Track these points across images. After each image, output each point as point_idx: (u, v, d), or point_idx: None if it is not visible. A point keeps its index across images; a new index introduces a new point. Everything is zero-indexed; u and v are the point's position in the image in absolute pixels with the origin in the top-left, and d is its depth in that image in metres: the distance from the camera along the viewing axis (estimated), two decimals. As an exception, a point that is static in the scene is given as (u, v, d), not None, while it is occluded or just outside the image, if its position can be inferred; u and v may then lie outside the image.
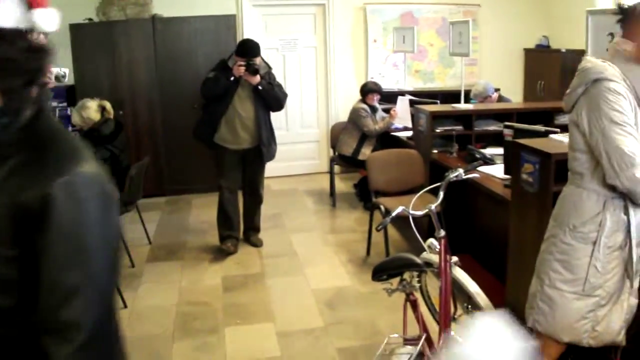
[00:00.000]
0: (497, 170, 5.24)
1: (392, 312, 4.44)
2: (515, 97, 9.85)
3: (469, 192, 5.49)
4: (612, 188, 2.69)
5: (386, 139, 7.57)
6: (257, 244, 6.36)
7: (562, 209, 2.91)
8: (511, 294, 4.35)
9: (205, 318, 4.81)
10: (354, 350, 4.29)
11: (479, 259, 5.72)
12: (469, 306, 3.84)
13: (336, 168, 8.43)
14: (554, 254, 2.86)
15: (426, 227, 4.90)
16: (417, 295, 2.97)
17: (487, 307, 3.63)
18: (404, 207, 3.22)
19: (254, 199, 6.35)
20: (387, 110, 7.91)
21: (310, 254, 6.16)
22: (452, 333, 4.23)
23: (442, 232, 3.36)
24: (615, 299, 2.83)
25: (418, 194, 3.44)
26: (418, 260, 2.92)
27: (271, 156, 6.23)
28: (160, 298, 5.18)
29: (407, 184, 3.54)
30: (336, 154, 7.90)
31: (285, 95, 6.12)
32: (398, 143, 7.21)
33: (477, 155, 5.71)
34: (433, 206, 3.35)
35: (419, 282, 4.03)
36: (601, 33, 4.47)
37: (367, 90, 7.64)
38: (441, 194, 3.42)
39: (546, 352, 2.98)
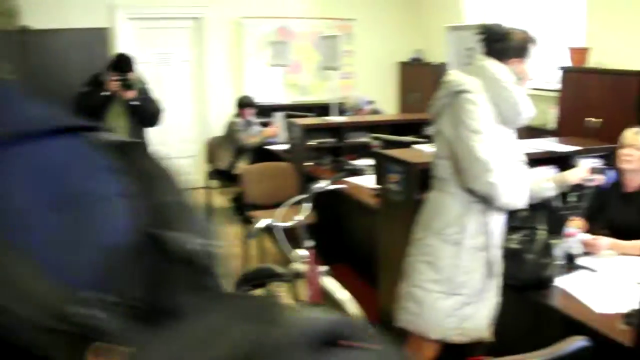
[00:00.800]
0: (369, 181, 5.37)
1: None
2: (390, 109, 10.12)
3: (345, 203, 5.60)
4: (472, 192, 2.84)
5: (262, 153, 7.59)
6: None
7: (428, 213, 3.04)
8: (384, 298, 4.47)
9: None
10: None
11: (356, 268, 5.83)
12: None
13: (214, 183, 8.39)
14: (421, 256, 2.99)
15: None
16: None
17: (358, 314, 3.73)
18: (270, 220, 3.28)
19: None
20: (263, 124, 7.97)
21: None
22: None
23: (310, 243, 3.43)
24: (481, 297, 2.98)
25: (283, 206, 3.50)
26: (279, 270, 2.97)
27: None
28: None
29: (281, 196, 3.62)
30: (212, 168, 7.85)
31: (160, 111, 6.03)
32: (274, 156, 7.24)
33: (348, 167, 5.85)
34: (301, 217, 3.41)
35: (293, 289, 4.11)
36: (460, 47, 4.67)
37: (242, 104, 7.67)
38: (308, 205, 3.50)
39: (421, 353, 3.09)
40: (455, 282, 2.89)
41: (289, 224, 3.38)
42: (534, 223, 3.16)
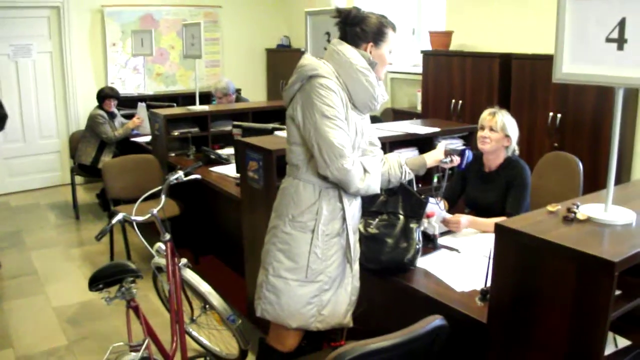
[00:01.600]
0: (232, 170, 5.30)
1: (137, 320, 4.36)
2: (259, 96, 10.09)
3: (211, 194, 5.50)
4: (326, 178, 2.79)
5: (126, 146, 7.39)
6: None
7: (282, 201, 2.97)
8: (251, 287, 4.42)
9: None
10: (99, 365, 4.16)
11: (224, 259, 5.78)
12: (206, 306, 3.84)
13: (79, 179, 8.10)
14: (276, 244, 2.92)
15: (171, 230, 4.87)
16: (138, 301, 2.90)
17: (221, 306, 3.65)
18: (124, 214, 3.14)
19: None
20: (127, 116, 7.74)
21: (52, 271, 5.86)
22: (194, 332, 4.23)
23: (167, 236, 3.33)
24: (339, 283, 2.94)
25: (139, 200, 3.37)
26: (132, 266, 2.86)
27: None
28: None
29: (145, 189, 3.51)
30: (76, 163, 7.57)
31: (3, 118, 5.64)
32: (139, 149, 7.06)
33: (212, 156, 5.75)
34: (155, 211, 3.30)
35: (157, 284, 3.98)
36: (319, 32, 4.64)
37: (104, 95, 7.42)
38: (163, 198, 3.38)
39: (282, 342, 3.04)
40: (312, 269, 2.85)
41: (143, 217, 3.25)
42: (393, 207, 3.17)
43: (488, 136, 3.82)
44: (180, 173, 3.47)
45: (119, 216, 3.10)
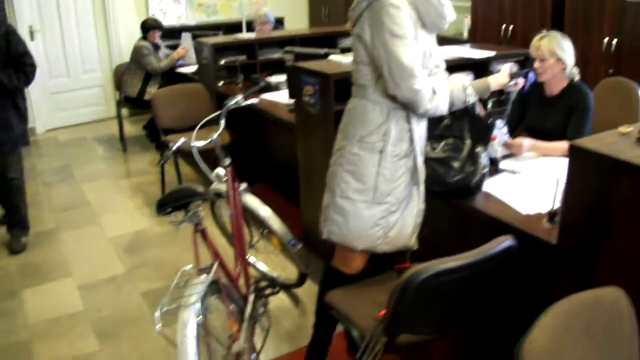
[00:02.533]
0: (283, 96, 5.26)
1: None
2: (301, 24, 9.96)
3: (261, 121, 5.48)
4: (394, 99, 2.74)
5: (172, 77, 7.35)
6: (17, 250, 5.02)
7: (349, 121, 2.92)
8: (306, 214, 4.43)
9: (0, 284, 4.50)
10: (158, 292, 4.24)
11: (277, 187, 5.79)
12: (264, 231, 3.85)
13: (125, 111, 8.13)
14: (343, 165, 2.89)
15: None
16: (205, 224, 2.90)
17: (281, 230, 3.66)
18: (185, 139, 3.13)
19: (6, 187, 4.96)
20: (171, 47, 7.71)
21: (104, 203, 5.94)
22: (252, 258, 4.27)
23: (227, 161, 3.32)
24: (405, 205, 2.91)
25: (199, 125, 3.34)
26: (199, 189, 2.85)
27: (11, 140, 4.77)
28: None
29: (194, 118, 3.49)
30: (122, 96, 7.58)
31: (32, 70, 4.71)
32: (184, 79, 7.03)
33: (262, 83, 5.70)
34: (215, 136, 3.28)
35: (215, 210, 4.00)
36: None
37: (148, 27, 7.38)
38: (222, 123, 3.36)
39: (347, 264, 3.04)
40: (380, 190, 2.82)
41: (204, 142, 3.24)
42: (458, 131, 3.11)
43: (540, 67, 3.74)
44: (240, 97, 3.43)
45: (181, 141, 3.09)
